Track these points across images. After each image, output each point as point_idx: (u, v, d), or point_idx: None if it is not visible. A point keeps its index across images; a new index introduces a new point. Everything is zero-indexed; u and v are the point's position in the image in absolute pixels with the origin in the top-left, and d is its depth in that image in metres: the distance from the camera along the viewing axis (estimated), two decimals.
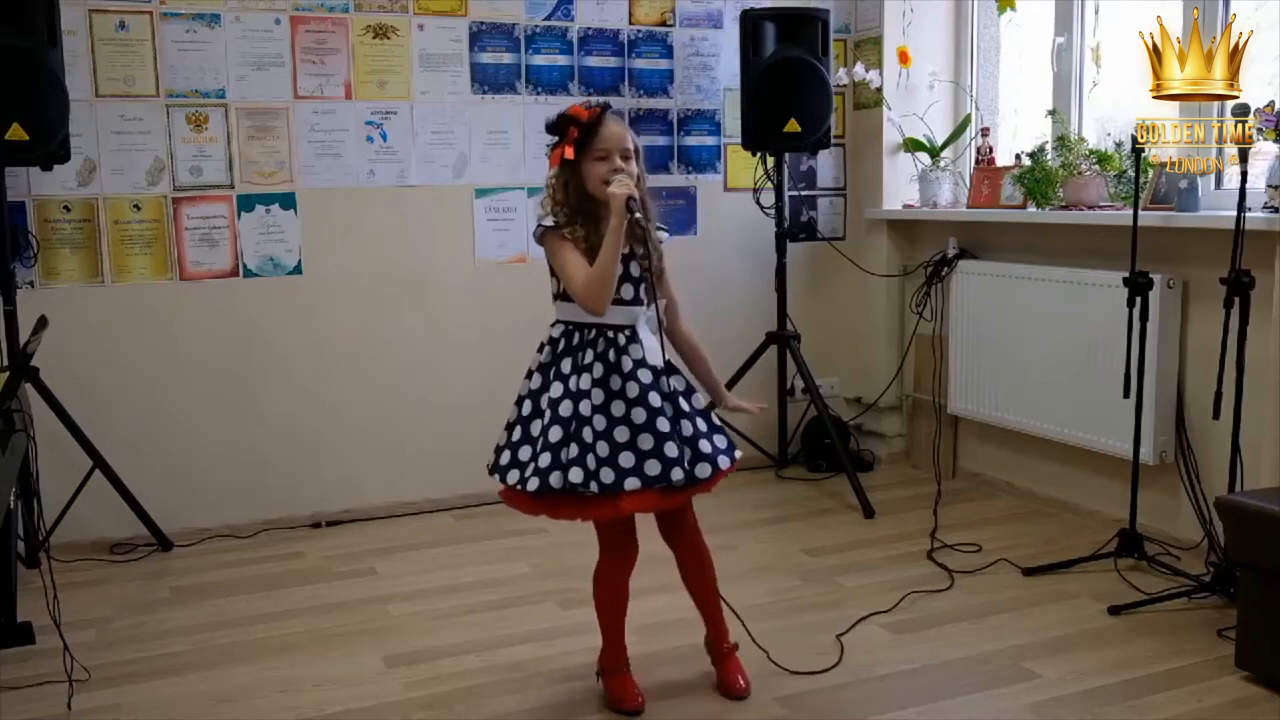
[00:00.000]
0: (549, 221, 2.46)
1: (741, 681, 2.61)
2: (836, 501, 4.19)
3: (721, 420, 2.59)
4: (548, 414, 2.42)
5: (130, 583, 3.48)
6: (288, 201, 3.95)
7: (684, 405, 2.48)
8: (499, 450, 2.52)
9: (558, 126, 2.46)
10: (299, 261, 3.98)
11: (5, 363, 3.36)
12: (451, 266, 4.18)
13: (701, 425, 2.48)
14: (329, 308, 4.03)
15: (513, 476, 2.45)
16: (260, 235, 3.93)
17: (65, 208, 3.70)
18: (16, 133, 3.26)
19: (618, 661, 2.61)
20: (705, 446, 2.46)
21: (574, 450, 2.38)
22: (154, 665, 2.87)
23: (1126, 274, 3.27)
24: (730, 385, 3.87)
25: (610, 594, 2.58)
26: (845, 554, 3.62)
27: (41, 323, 2.86)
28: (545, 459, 2.39)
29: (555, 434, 2.40)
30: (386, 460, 4.14)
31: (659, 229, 2.53)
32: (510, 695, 2.65)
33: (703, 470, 2.44)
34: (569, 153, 2.43)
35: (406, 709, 2.60)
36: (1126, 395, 3.28)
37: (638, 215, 2.36)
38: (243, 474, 3.95)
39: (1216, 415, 3.02)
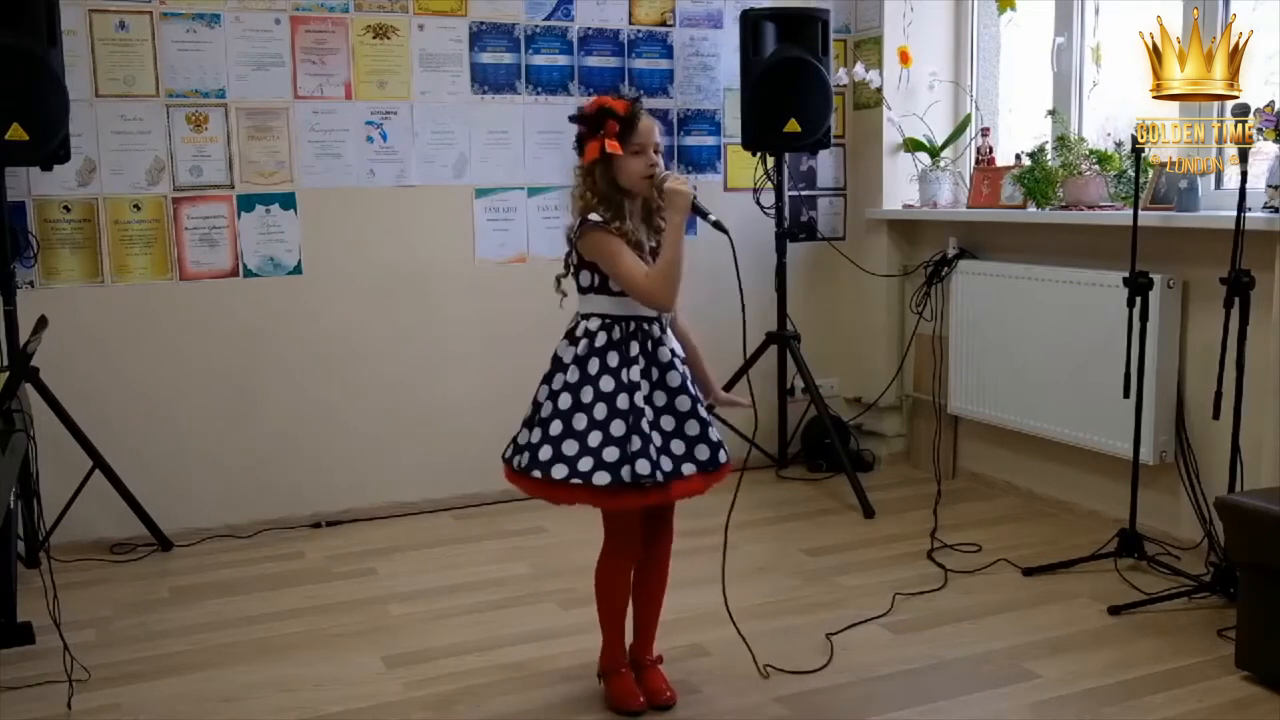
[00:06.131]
0: (595, 217, 2.40)
1: (669, 691, 2.59)
2: (836, 501, 4.19)
3: (717, 419, 2.60)
4: (603, 407, 2.39)
5: (130, 583, 3.48)
6: (288, 201, 3.95)
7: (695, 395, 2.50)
8: (529, 446, 2.44)
9: (594, 119, 2.41)
10: (299, 261, 3.98)
11: (5, 363, 3.35)
12: (451, 266, 4.17)
13: (704, 415, 2.50)
14: (329, 308, 4.03)
15: (559, 471, 2.38)
16: (260, 235, 3.93)
17: (65, 208, 3.70)
18: (16, 133, 3.26)
19: (618, 661, 2.61)
20: (714, 435, 2.49)
21: (636, 443, 2.37)
22: (154, 665, 2.87)
23: (1126, 274, 3.27)
24: (730, 386, 3.88)
25: (616, 589, 2.57)
26: (845, 554, 3.62)
27: (41, 323, 2.85)
28: (611, 453, 2.37)
29: (618, 428, 2.38)
30: (386, 460, 4.14)
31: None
32: (510, 695, 2.65)
33: (723, 456, 2.48)
34: (615, 147, 2.37)
35: (406, 709, 2.61)
36: (1126, 395, 3.28)
37: (709, 214, 2.38)
38: (243, 474, 3.95)
39: (1216, 415, 3.02)
